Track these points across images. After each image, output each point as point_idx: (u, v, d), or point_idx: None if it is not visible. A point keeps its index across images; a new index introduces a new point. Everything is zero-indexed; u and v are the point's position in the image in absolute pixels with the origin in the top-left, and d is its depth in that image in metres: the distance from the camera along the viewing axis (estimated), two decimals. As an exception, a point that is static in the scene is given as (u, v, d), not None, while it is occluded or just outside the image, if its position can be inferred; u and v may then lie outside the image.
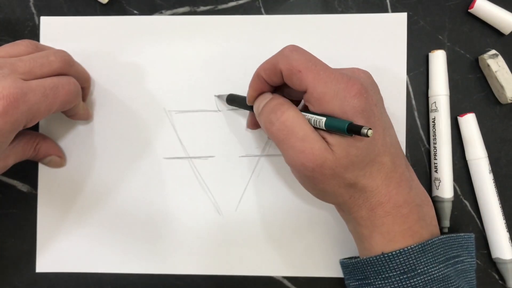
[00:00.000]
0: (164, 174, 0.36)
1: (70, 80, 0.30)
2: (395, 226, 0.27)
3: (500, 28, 0.36)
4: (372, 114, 0.26)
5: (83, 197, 0.36)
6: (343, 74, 0.26)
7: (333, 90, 0.26)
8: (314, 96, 0.26)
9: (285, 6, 0.37)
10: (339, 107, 0.26)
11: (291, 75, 0.27)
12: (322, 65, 0.27)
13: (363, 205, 0.28)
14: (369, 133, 0.24)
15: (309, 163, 0.26)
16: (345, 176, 0.26)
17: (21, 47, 0.30)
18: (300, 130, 0.27)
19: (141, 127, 0.36)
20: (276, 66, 0.28)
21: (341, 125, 0.25)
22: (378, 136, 0.27)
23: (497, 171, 0.36)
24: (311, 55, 0.28)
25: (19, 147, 0.31)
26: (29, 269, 0.36)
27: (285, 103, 0.28)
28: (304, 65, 0.27)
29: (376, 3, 0.36)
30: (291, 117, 0.27)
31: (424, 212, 0.29)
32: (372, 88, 0.28)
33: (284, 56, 0.28)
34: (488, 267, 0.36)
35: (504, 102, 0.35)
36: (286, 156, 0.28)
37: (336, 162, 0.26)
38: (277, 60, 0.28)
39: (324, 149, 0.26)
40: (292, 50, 0.28)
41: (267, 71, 0.29)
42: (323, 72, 0.26)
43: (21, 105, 0.26)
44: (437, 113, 0.35)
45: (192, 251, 0.36)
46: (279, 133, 0.27)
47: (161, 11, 0.37)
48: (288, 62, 0.27)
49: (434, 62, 0.35)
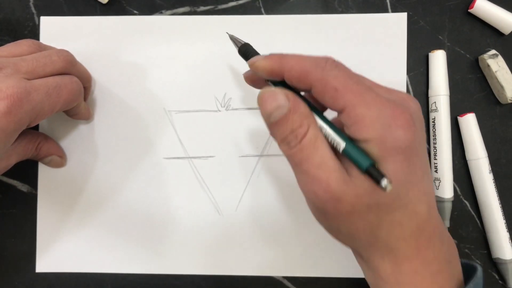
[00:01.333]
0: (164, 174, 0.36)
1: (73, 79, 0.31)
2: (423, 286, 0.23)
3: (500, 28, 0.36)
4: (415, 153, 0.22)
5: (83, 197, 0.36)
6: (390, 100, 0.22)
7: (376, 114, 0.21)
8: (351, 117, 0.22)
9: (285, 6, 0.37)
10: (380, 135, 0.21)
11: (323, 93, 0.23)
12: (365, 86, 0.23)
13: (387, 257, 0.23)
14: (388, 188, 0.20)
15: (323, 194, 0.22)
16: (366, 217, 0.22)
17: (23, 46, 0.30)
18: (317, 155, 0.22)
19: (141, 127, 0.37)
20: (307, 76, 0.23)
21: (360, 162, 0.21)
22: (416, 180, 0.22)
23: (497, 171, 0.36)
24: (352, 72, 0.24)
25: (20, 147, 0.32)
26: (29, 269, 0.37)
27: (307, 116, 0.24)
28: (342, 83, 0.22)
29: (376, 3, 0.37)
30: (310, 142, 0.23)
31: (454, 269, 0.25)
32: (420, 123, 0.23)
33: (319, 69, 0.23)
34: (488, 267, 0.36)
35: (504, 102, 0.36)
36: (298, 181, 0.24)
37: (357, 199, 0.22)
38: (310, 71, 0.23)
39: (342, 181, 0.22)
40: (331, 64, 0.23)
41: (294, 73, 0.24)
42: (366, 93, 0.22)
43: (25, 105, 0.26)
44: (437, 113, 0.35)
45: (192, 251, 0.36)
46: (294, 156, 0.23)
47: (161, 11, 0.37)
48: (324, 77, 0.23)
49: (434, 62, 0.36)
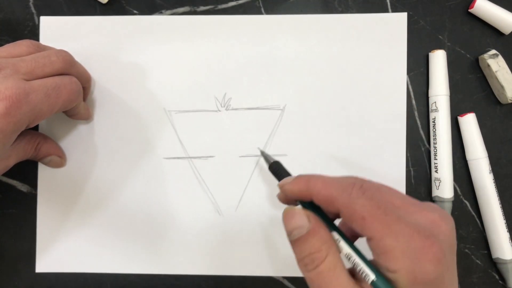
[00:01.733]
0: (164, 174, 0.36)
1: (72, 79, 0.31)
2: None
3: (500, 28, 0.36)
4: (441, 281, 0.22)
5: (82, 197, 0.37)
6: (420, 230, 0.22)
7: (405, 247, 0.21)
8: (380, 247, 0.22)
9: (285, 6, 0.37)
10: (408, 268, 0.21)
11: (351, 221, 0.23)
12: (393, 214, 0.22)
13: None
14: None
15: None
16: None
17: (22, 47, 0.30)
18: (336, 284, 0.22)
19: (141, 127, 0.37)
20: (333, 202, 0.24)
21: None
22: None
23: (497, 171, 0.36)
24: (381, 199, 0.23)
25: (20, 147, 0.32)
26: (29, 269, 0.37)
27: (327, 242, 0.24)
28: (370, 212, 0.22)
29: (376, 3, 0.37)
30: (328, 269, 0.23)
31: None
32: (452, 248, 0.23)
33: (346, 195, 0.23)
34: (488, 267, 0.36)
35: (504, 102, 0.36)
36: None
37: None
38: (337, 197, 0.23)
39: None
40: (357, 191, 0.23)
41: (322, 197, 0.24)
42: (395, 224, 0.22)
43: (24, 106, 0.26)
44: (437, 113, 0.35)
45: (192, 251, 0.36)
46: (312, 281, 0.23)
47: (161, 11, 0.37)
48: (351, 205, 0.23)
49: (434, 62, 0.36)
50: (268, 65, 0.37)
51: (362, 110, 0.36)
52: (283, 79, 0.36)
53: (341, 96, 0.36)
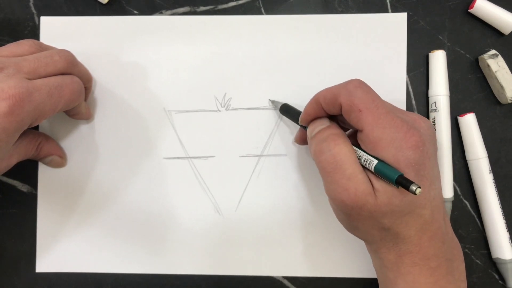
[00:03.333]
0: (164, 174, 0.37)
1: (74, 79, 0.31)
2: (421, 278, 0.27)
3: (500, 28, 0.36)
4: (423, 167, 0.26)
5: (83, 197, 0.37)
6: (404, 121, 0.26)
7: (390, 137, 0.26)
8: (369, 138, 0.27)
9: (285, 6, 0.37)
10: (393, 155, 0.26)
11: (350, 112, 0.27)
12: (384, 108, 0.27)
13: (392, 249, 0.28)
14: (418, 191, 0.24)
15: (349, 202, 0.26)
16: (381, 221, 0.27)
17: (25, 46, 0.30)
18: (349, 167, 0.27)
19: (141, 127, 0.37)
20: (337, 98, 0.28)
21: (390, 175, 0.25)
22: (423, 189, 0.26)
23: (497, 171, 0.36)
24: (375, 95, 0.28)
25: (22, 146, 0.32)
26: (29, 269, 0.37)
27: (341, 135, 0.28)
28: (366, 105, 0.27)
29: (376, 3, 0.37)
30: (343, 152, 0.27)
31: (454, 267, 0.29)
32: (430, 140, 0.28)
33: (347, 90, 0.27)
34: (488, 267, 0.36)
35: (504, 102, 0.36)
36: (328, 189, 0.28)
37: (376, 207, 0.26)
38: (339, 93, 0.28)
39: (367, 193, 0.26)
40: (356, 86, 0.27)
41: (327, 100, 0.29)
42: (384, 116, 0.26)
43: (27, 105, 0.27)
44: (437, 113, 0.35)
45: (192, 251, 0.37)
46: (327, 164, 0.27)
47: (161, 11, 0.38)
48: (350, 98, 0.27)
49: (434, 62, 0.36)
50: (268, 65, 0.37)
51: (362, 110, 0.36)
52: (283, 79, 0.37)
53: (341, 96, 0.37)
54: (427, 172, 0.26)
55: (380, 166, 0.26)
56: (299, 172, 0.37)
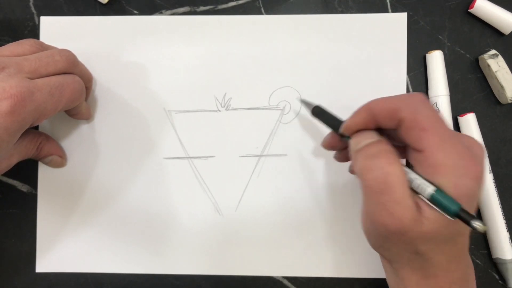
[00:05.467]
0: (164, 174, 0.37)
1: (75, 78, 0.32)
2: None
3: (500, 28, 0.37)
4: (476, 198, 0.25)
5: (83, 197, 0.37)
6: (467, 150, 0.25)
7: (453, 163, 0.24)
8: (429, 161, 0.25)
9: (285, 6, 0.38)
10: (454, 184, 0.24)
11: (412, 129, 0.25)
12: (448, 132, 0.25)
13: (418, 270, 0.27)
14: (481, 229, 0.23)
15: (393, 228, 0.25)
16: (418, 247, 0.25)
17: (26, 46, 0.31)
18: (399, 190, 0.24)
19: (141, 127, 0.37)
20: (397, 112, 0.26)
21: (449, 206, 0.24)
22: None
23: (497, 171, 0.37)
24: (440, 115, 0.26)
25: (22, 146, 0.33)
26: (29, 269, 0.38)
27: (393, 153, 0.26)
28: (431, 124, 0.25)
29: (376, 3, 0.37)
30: (396, 173, 0.25)
31: (469, 286, 0.28)
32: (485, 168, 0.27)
33: (410, 105, 0.26)
34: (488, 267, 0.37)
35: (504, 102, 0.36)
36: (370, 209, 0.26)
37: (420, 235, 0.24)
38: (401, 107, 0.26)
39: (414, 220, 0.24)
40: (422, 102, 0.26)
41: (384, 112, 0.27)
42: (448, 139, 0.25)
43: (28, 104, 0.27)
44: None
45: (192, 251, 0.37)
46: (375, 183, 0.25)
47: (161, 11, 0.38)
48: (414, 114, 0.25)
49: (432, 62, 0.36)
50: (268, 65, 0.37)
51: (362, 110, 0.37)
52: (283, 79, 0.37)
53: (341, 96, 0.37)
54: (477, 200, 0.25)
55: (438, 195, 0.24)
56: (299, 172, 0.37)
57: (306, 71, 0.37)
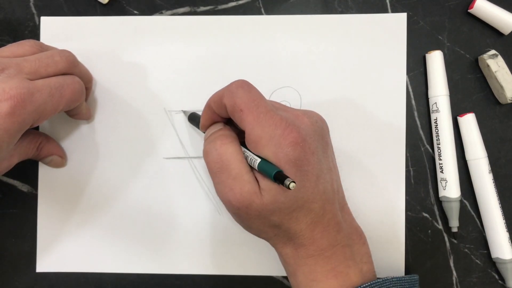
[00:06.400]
0: (164, 174, 0.37)
1: (75, 79, 0.32)
2: (317, 267, 0.28)
3: (500, 28, 0.37)
4: (306, 162, 0.27)
5: (83, 197, 0.38)
6: (283, 119, 0.27)
7: (269, 135, 0.27)
8: (251, 138, 0.27)
9: (285, 6, 0.38)
10: (273, 153, 0.26)
11: (233, 112, 0.28)
12: (264, 107, 0.27)
13: (287, 243, 0.29)
14: (291, 186, 0.24)
15: (235, 202, 0.27)
16: (270, 219, 0.28)
17: (26, 47, 0.31)
18: (235, 167, 0.27)
19: (141, 127, 0.38)
20: (222, 100, 0.29)
21: (269, 172, 0.26)
22: (310, 184, 0.27)
23: (497, 171, 0.37)
24: (257, 94, 0.28)
25: (22, 147, 0.33)
26: (29, 269, 0.38)
27: (229, 136, 0.29)
28: (246, 104, 0.27)
29: (376, 3, 0.38)
30: (229, 152, 0.28)
31: (354, 251, 0.29)
32: (314, 135, 0.28)
33: (229, 91, 0.28)
34: (488, 267, 0.37)
35: (503, 102, 0.37)
36: (216, 189, 0.29)
37: (263, 206, 0.27)
38: (223, 95, 0.29)
39: (253, 192, 0.27)
40: (238, 87, 0.28)
41: (215, 103, 0.30)
42: (263, 115, 0.27)
43: (29, 105, 0.27)
44: (438, 113, 0.36)
45: (192, 251, 0.37)
46: (213, 164, 0.28)
47: (161, 11, 0.38)
48: (232, 98, 0.28)
49: (431, 63, 0.37)
50: (268, 65, 0.38)
51: (362, 110, 0.37)
52: (283, 79, 0.37)
53: (341, 96, 0.37)
54: (312, 167, 0.27)
55: (262, 164, 0.27)
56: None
57: (306, 71, 0.37)
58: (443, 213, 0.37)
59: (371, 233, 0.37)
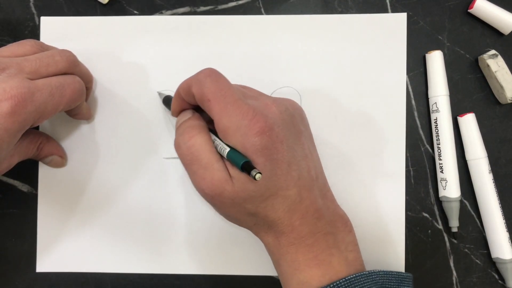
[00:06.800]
0: (164, 174, 0.38)
1: (75, 79, 0.32)
2: (298, 255, 0.28)
3: (500, 28, 0.37)
4: (275, 151, 0.27)
5: (83, 197, 0.38)
6: (250, 108, 0.27)
7: (236, 125, 0.27)
8: (219, 127, 0.27)
9: (285, 6, 0.38)
10: (241, 143, 0.27)
11: (202, 102, 0.28)
12: (231, 97, 0.27)
13: (268, 232, 0.29)
14: (257, 177, 0.25)
15: (208, 191, 0.28)
16: (245, 206, 0.28)
17: (26, 46, 0.31)
18: (205, 157, 0.28)
19: (141, 127, 0.38)
20: (190, 89, 0.29)
21: (237, 162, 0.26)
22: (281, 172, 0.27)
23: (497, 171, 0.37)
24: (225, 83, 0.28)
25: (23, 146, 0.33)
26: (29, 269, 0.38)
27: (196, 127, 0.29)
28: (213, 94, 0.28)
29: (376, 3, 0.38)
30: (198, 144, 0.28)
31: (338, 239, 0.29)
32: (282, 124, 0.28)
33: (197, 80, 0.28)
34: (488, 267, 0.37)
35: (503, 102, 0.37)
36: (191, 180, 0.29)
37: (234, 194, 0.27)
38: (191, 83, 0.29)
39: (224, 180, 0.27)
40: (206, 76, 0.28)
41: (184, 91, 0.30)
42: (230, 105, 0.27)
43: (29, 105, 0.27)
44: (438, 113, 0.36)
45: (192, 251, 0.37)
46: (184, 157, 0.29)
47: (161, 11, 0.38)
48: (200, 88, 0.28)
49: (431, 63, 0.37)
50: (268, 65, 0.38)
51: (362, 110, 0.37)
52: (283, 79, 0.38)
53: (340, 96, 0.37)
54: (282, 155, 0.27)
55: (231, 154, 0.27)
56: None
57: (306, 71, 0.38)
58: (443, 213, 0.37)
59: (371, 233, 0.37)
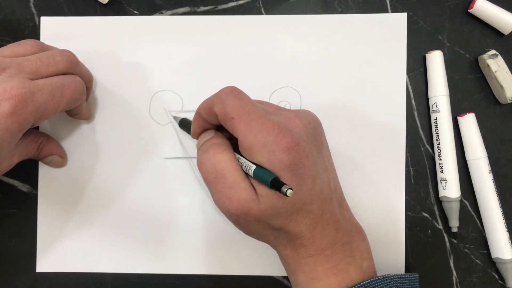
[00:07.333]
0: (164, 174, 0.38)
1: (76, 79, 0.32)
2: (317, 266, 0.29)
3: (500, 28, 0.37)
4: (301, 166, 0.27)
5: (83, 197, 0.38)
6: (275, 125, 0.27)
7: (262, 142, 0.26)
8: (244, 145, 0.27)
9: (285, 6, 0.38)
10: (268, 159, 0.26)
11: (225, 120, 0.28)
12: (256, 113, 0.27)
13: (288, 245, 0.29)
14: (289, 193, 0.24)
15: (234, 211, 0.27)
16: (270, 223, 0.28)
17: (26, 46, 0.31)
18: (230, 176, 0.27)
19: (141, 127, 0.38)
20: (212, 108, 0.29)
21: (265, 179, 0.26)
22: (306, 187, 0.27)
23: (497, 171, 0.37)
24: (247, 101, 0.28)
25: (23, 146, 0.33)
26: (29, 269, 0.38)
27: (222, 144, 0.29)
28: (237, 112, 0.27)
29: (376, 3, 0.38)
30: (224, 161, 0.28)
31: (353, 248, 0.30)
32: (307, 138, 0.28)
33: (219, 99, 0.28)
34: (488, 267, 0.37)
35: (503, 102, 0.37)
36: (213, 198, 0.29)
37: (261, 212, 0.27)
38: (214, 102, 0.28)
39: (250, 200, 0.27)
40: (228, 94, 0.28)
41: (206, 111, 0.30)
42: (255, 122, 0.27)
43: (30, 105, 0.27)
44: (438, 113, 0.36)
45: (192, 251, 0.37)
46: (208, 175, 0.28)
47: (161, 11, 0.38)
48: (223, 106, 0.28)
49: (431, 63, 0.37)
50: (268, 65, 0.38)
51: (362, 110, 0.37)
52: (283, 79, 0.38)
53: (341, 96, 0.37)
54: (307, 169, 0.27)
55: (258, 171, 0.27)
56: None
57: (306, 71, 0.38)
58: (443, 213, 0.37)
59: (371, 233, 0.37)
